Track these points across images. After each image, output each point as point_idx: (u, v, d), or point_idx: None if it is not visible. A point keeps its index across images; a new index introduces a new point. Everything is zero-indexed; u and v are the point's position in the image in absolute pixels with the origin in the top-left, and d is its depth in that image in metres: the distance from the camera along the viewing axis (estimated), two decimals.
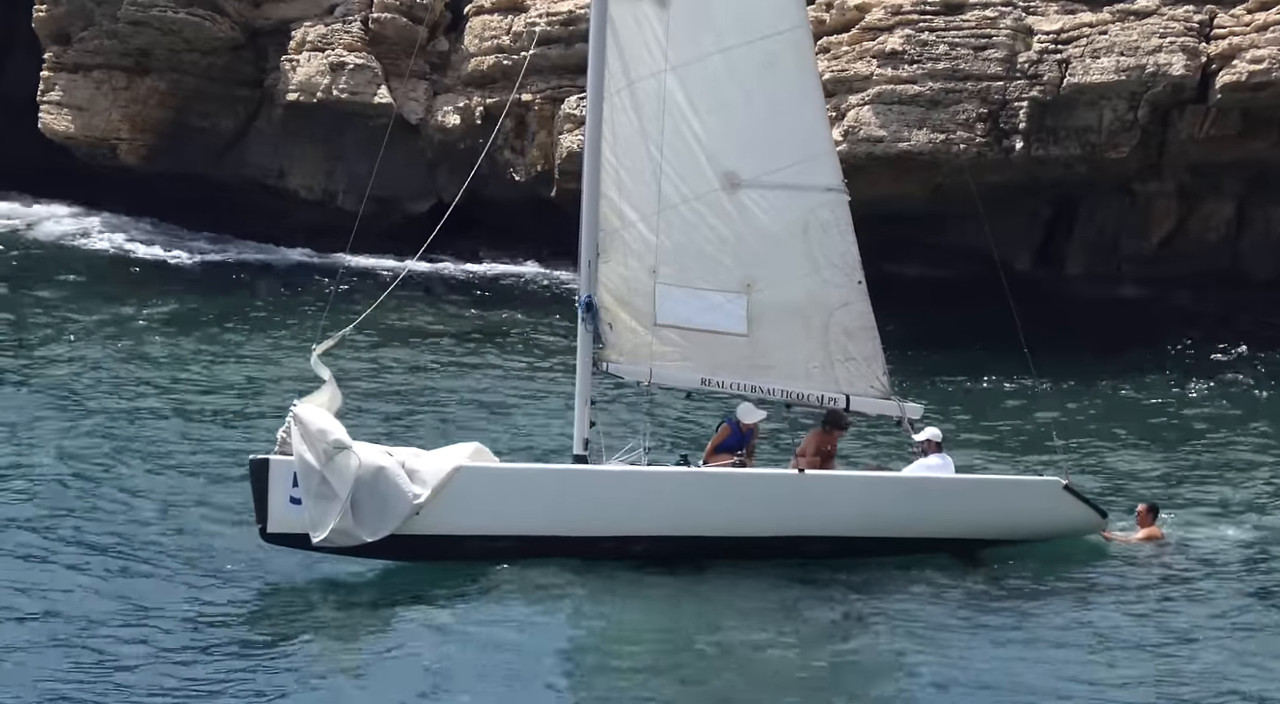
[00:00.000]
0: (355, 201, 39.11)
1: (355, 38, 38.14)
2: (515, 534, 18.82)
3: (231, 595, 18.04)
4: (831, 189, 19.69)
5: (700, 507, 19.15)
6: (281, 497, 18.49)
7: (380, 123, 38.09)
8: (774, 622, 17.83)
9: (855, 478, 19.96)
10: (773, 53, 19.42)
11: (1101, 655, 16.96)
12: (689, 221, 19.62)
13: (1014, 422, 27.18)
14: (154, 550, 19.12)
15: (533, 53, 36.89)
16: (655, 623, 17.76)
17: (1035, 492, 20.04)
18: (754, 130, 19.59)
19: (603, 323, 19.71)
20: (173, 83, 39.21)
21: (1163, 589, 19.11)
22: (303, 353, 29.22)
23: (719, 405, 23.44)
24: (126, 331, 30.93)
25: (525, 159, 37.28)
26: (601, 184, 19.71)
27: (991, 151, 33.17)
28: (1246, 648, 17.17)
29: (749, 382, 19.77)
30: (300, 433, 18.42)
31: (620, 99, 19.55)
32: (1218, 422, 27.86)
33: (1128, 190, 34.17)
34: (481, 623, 17.37)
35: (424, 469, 18.76)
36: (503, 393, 27.52)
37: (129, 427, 24.15)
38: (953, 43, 33.49)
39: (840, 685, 16.41)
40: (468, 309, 34.32)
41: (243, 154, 39.66)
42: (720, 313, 19.71)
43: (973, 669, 16.59)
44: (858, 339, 19.82)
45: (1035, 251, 35.38)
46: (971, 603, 18.56)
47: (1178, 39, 32.33)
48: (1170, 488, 23.47)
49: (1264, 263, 33.89)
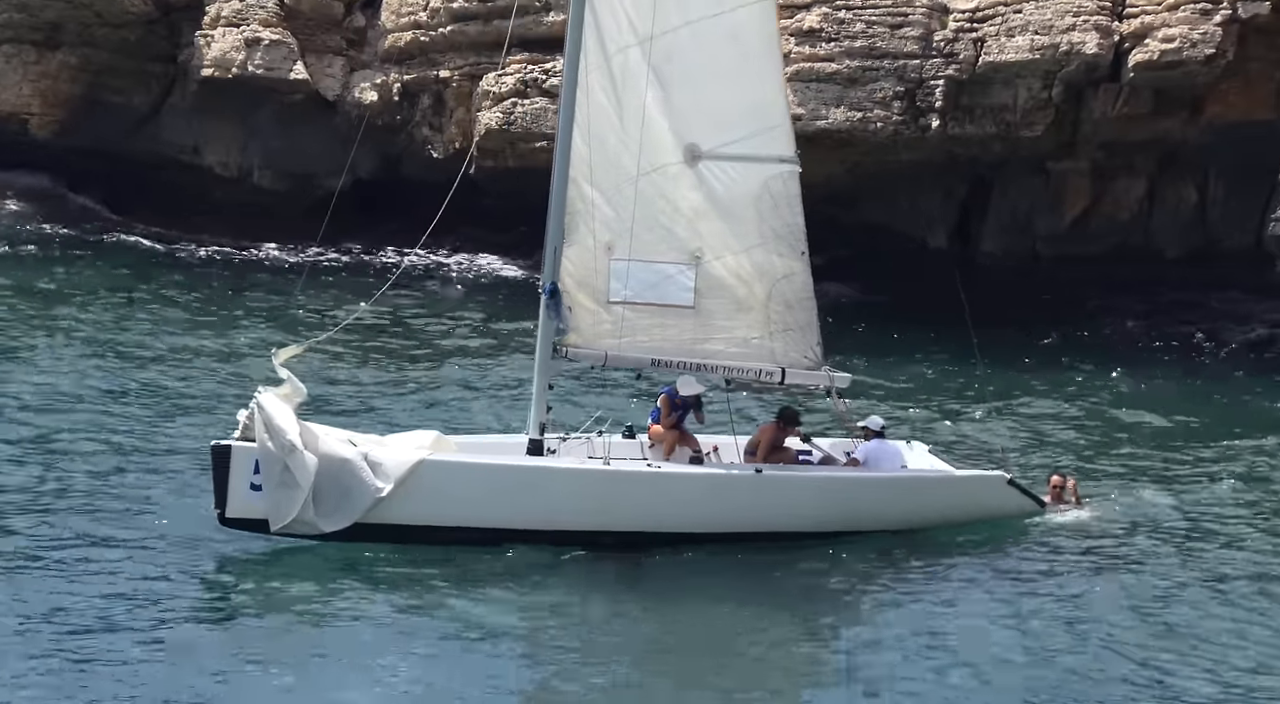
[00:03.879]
0: (271, 178, 38.97)
1: (271, 13, 37.85)
2: (477, 526, 18.94)
3: (189, 580, 17.79)
4: (785, 160, 19.91)
5: (661, 504, 19.40)
6: (242, 483, 18.44)
7: (296, 99, 37.91)
8: (735, 603, 18.00)
9: (813, 477, 20.21)
10: (738, 24, 19.58)
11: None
12: (647, 195, 19.78)
13: (949, 402, 27.47)
14: (101, 535, 18.77)
15: (450, 29, 36.77)
16: (616, 607, 17.92)
17: (982, 486, 20.60)
18: (715, 102, 19.75)
19: (564, 307, 19.84)
20: (84, 57, 38.83)
21: (1077, 558, 19.55)
22: (221, 335, 29.30)
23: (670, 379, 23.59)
24: (38, 305, 30.68)
25: (443, 136, 37.15)
26: (572, 167, 19.75)
27: (908, 130, 33.39)
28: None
29: (694, 361, 20.08)
30: (264, 421, 18.34)
31: (592, 78, 19.58)
32: (1132, 395, 28.30)
33: (1042, 169, 34.47)
34: (444, 606, 17.36)
35: (387, 461, 18.73)
36: (456, 376, 27.41)
37: (45, 405, 23.81)
38: (869, 21, 33.64)
39: (795, 668, 16.65)
40: (414, 294, 34.00)
41: (157, 130, 39.36)
42: (670, 284, 19.93)
43: (897, 633, 16.95)
44: (796, 310, 20.11)
45: (951, 229, 35.66)
46: (906, 580, 18.88)
47: (1091, 18, 32.61)
48: (1088, 459, 23.84)
49: (1175, 239, 34.30)
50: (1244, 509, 21.70)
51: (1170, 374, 30.05)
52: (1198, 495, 22.21)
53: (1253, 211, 32.96)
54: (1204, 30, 31.81)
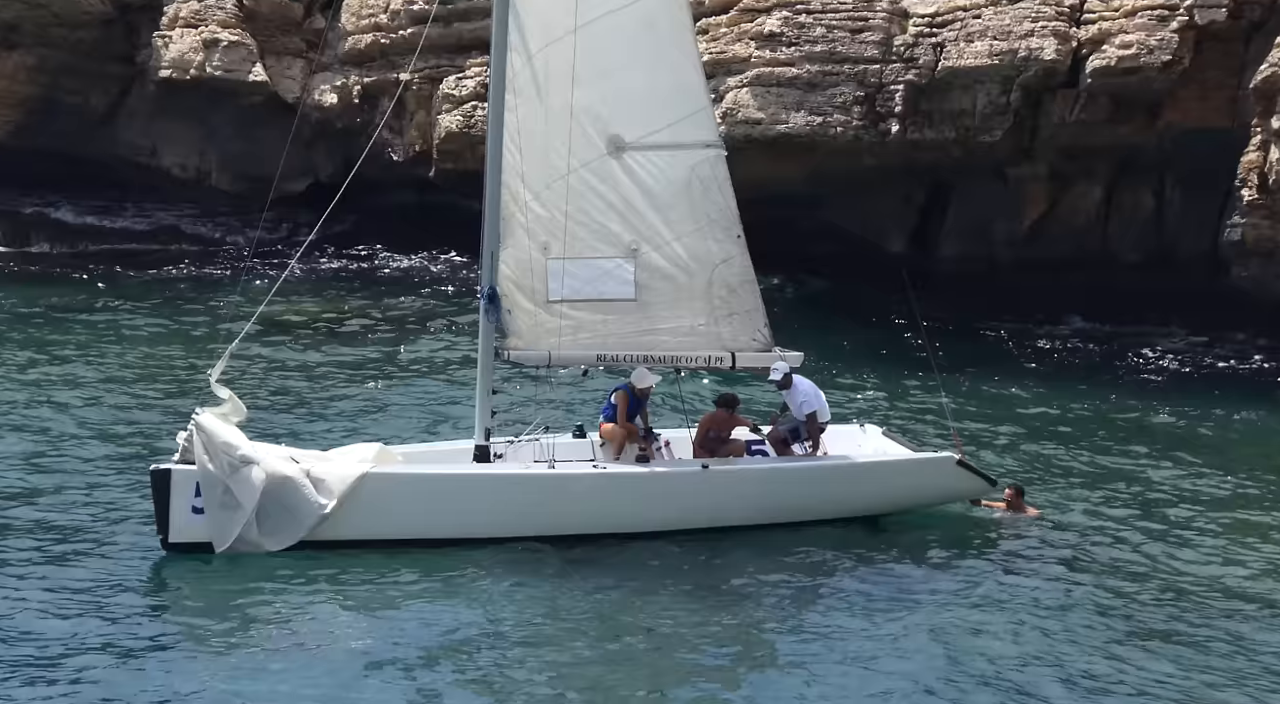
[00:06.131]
0: (228, 180, 38.89)
1: (229, 14, 37.81)
2: (425, 537, 18.83)
3: (143, 592, 17.57)
4: (710, 145, 19.93)
5: (608, 506, 19.37)
6: (184, 506, 18.22)
7: (254, 101, 37.82)
8: (693, 597, 17.96)
9: (759, 469, 20.17)
10: (650, 13, 19.58)
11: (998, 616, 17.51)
12: (577, 191, 19.71)
13: (900, 390, 27.63)
14: (52, 550, 18.46)
15: (410, 31, 36.75)
16: (576, 603, 17.77)
17: (933, 468, 20.69)
18: (636, 92, 19.73)
19: (503, 311, 19.77)
20: (41, 58, 38.72)
21: (1026, 560, 19.70)
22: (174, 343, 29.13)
23: (614, 377, 23.54)
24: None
25: (404, 139, 37.11)
26: (504, 172, 19.72)
27: (868, 134, 33.52)
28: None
29: (641, 353, 20.04)
30: (203, 442, 18.13)
31: (520, 81, 19.55)
32: (1085, 397, 28.45)
33: (1001, 174, 34.66)
34: (401, 608, 17.22)
35: (329, 477, 18.55)
36: (400, 384, 27.31)
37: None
38: (830, 25, 33.79)
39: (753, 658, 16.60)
40: (355, 298, 33.97)
41: (114, 131, 39.25)
42: (610, 279, 19.89)
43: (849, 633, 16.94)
44: (739, 294, 20.14)
45: (909, 234, 35.81)
46: (858, 572, 18.94)
47: (1049, 23, 32.82)
48: (1041, 467, 24.00)
49: (1132, 245, 34.53)
50: (1192, 511, 21.92)
51: (1120, 377, 30.24)
52: (1147, 498, 22.38)
53: (1208, 218, 33.17)
54: (1161, 37, 32.05)
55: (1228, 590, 18.75)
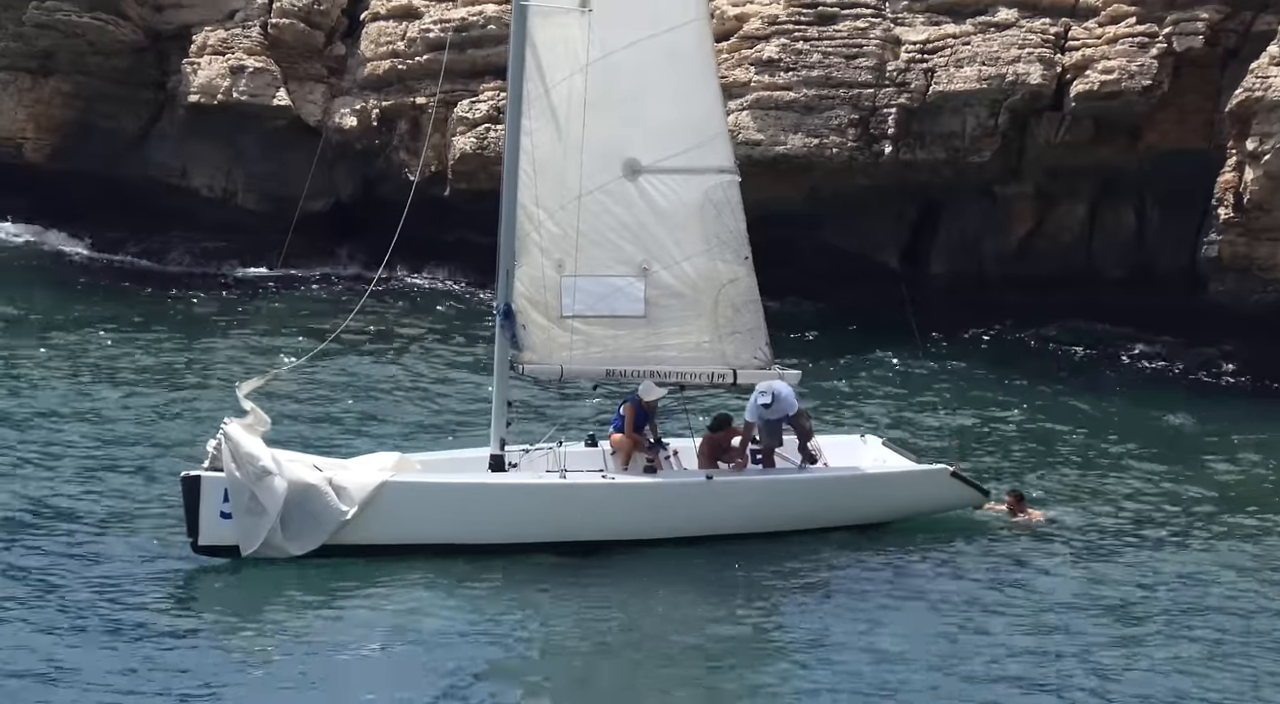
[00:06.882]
0: (254, 200, 40.19)
1: (255, 42, 39.07)
2: (441, 543, 19.67)
3: (174, 596, 18.33)
4: (725, 170, 20.83)
5: (616, 515, 20.21)
6: (212, 511, 19.05)
7: (279, 124, 39.22)
8: (697, 602, 18.72)
9: (761, 480, 20.89)
10: (676, 43, 20.40)
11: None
12: (592, 211, 20.47)
13: (898, 401, 28.57)
14: (88, 559, 19.16)
15: (427, 57, 38.15)
16: (586, 610, 18.44)
17: (927, 480, 21.52)
18: (656, 118, 20.54)
19: (518, 326, 20.54)
20: (77, 84, 39.98)
21: (1022, 564, 20.42)
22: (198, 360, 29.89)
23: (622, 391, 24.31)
24: (27, 332, 31.41)
25: (420, 160, 38.41)
26: (519, 192, 20.46)
27: (862, 155, 34.78)
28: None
29: (648, 368, 20.83)
30: (231, 451, 18.97)
31: (535, 108, 20.31)
32: (1073, 405, 29.40)
33: (989, 193, 35.69)
34: (422, 615, 17.84)
35: (351, 485, 19.33)
36: (418, 395, 27.80)
37: (32, 430, 24.24)
38: (826, 52, 35.06)
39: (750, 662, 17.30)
40: (383, 315, 34.45)
41: (145, 154, 40.43)
42: (621, 297, 20.67)
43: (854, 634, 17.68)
44: (744, 313, 21.01)
45: (902, 250, 36.89)
46: (859, 576, 19.76)
47: (1035, 50, 34.08)
48: (1039, 473, 24.66)
49: (1115, 261, 35.46)
50: (1184, 515, 22.76)
51: (1105, 387, 31.13)
52: (1140, 503, 23.15)
53: (1187, 235, 34.04)
54: (1141, 62, 33.24)
55: (1222, 591, 19.35)
